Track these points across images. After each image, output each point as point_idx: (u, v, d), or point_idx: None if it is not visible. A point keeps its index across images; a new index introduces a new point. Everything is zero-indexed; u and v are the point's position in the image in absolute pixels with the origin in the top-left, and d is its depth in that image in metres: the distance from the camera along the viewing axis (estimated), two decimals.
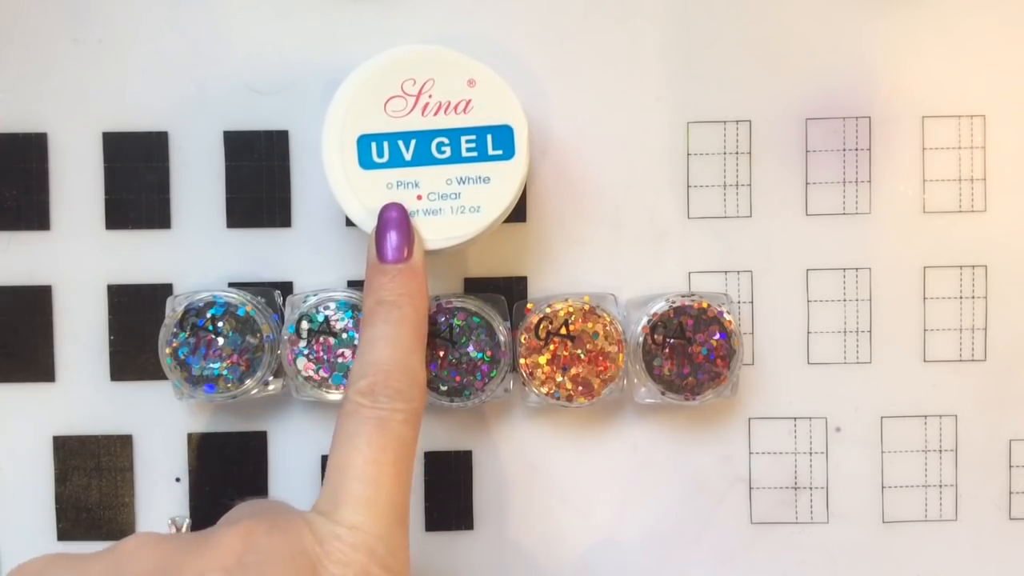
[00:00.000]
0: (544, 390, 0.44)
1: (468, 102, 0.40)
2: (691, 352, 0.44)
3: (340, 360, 0.43)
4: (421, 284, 0.39)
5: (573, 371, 0.44)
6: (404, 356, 0.38)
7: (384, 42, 0.45)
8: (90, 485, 0.46)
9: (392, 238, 0.39)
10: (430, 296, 0.45)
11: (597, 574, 0.46)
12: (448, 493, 0.46)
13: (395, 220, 0.39)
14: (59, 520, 0.46)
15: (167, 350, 0.43)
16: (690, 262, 0.46)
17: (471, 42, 0.45)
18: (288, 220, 0.46)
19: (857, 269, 0.46)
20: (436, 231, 0.40)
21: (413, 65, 0.40)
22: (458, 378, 0.43)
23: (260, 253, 0.46)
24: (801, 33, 0.46)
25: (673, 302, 0.44)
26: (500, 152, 0.40)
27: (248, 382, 0.43)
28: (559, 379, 0.44)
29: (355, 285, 0.46)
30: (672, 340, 0.44)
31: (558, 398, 0.44)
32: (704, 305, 0.44)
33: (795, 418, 0.46)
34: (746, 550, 0.47)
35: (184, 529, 0.40)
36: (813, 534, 0.47)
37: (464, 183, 0.40)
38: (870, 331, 0.46)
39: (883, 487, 0.47)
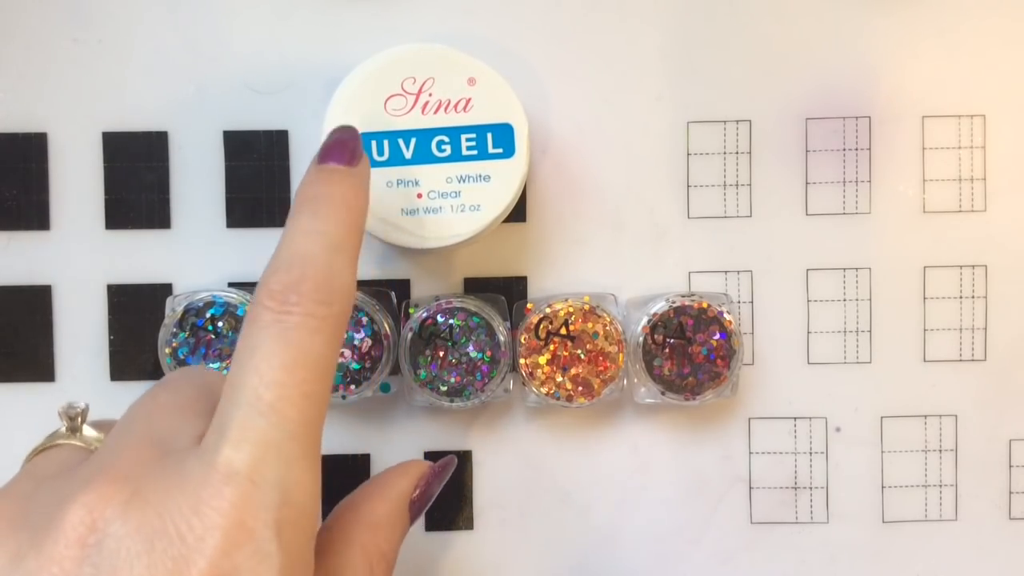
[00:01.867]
0: (544, 390, 0.44)
1: (468, 101, 0.40)
2: (691, 352, 0.44)
3: (340, 360, 0.43)
4: (361, 188, 0.35)
5: (573, 371, 0.44)
6: (327, 254, 0.32)
7: (384, 41, 0.45)
8: None
9: (339, 143, 0.35)
10: (430, 296, 0.45)
11: (597, 574, 0.46)
12: (448, 493, 0.46)
13: (346, 130, 0.36)
14: None
15: (167, 350, 0.43)
16: (690, 262, 0.46)
17: (471, 41, 0.45)
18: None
19: (857, 269, 0.46)
20: (436, 230, 0.40)
21: (413, 64, 0.40)
22: (458, 378, 0.43)
23: (260, 253, 0.46)
24: (801, 33, 0.46)
25: (673, 302, 0.44)
26: (500, 151, 0.40)
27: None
28: (559, 379, 0.44)
29: None
30: (672, 340, 0.44)
31: (558, 398, 0.44)
32: (704, 305, 0.44)
33: (795, 418, 0.46)
34: (746, 550, 0.47)
35: (80, 422, 0.35)
36: (813, 534, 0.47)
37: (464, 181, 0.40)
38: (870, 331, 0.46)
39: (883, 487, 0.47)
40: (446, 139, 0.40)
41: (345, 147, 0.35)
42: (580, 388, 0.44)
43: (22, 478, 0.32)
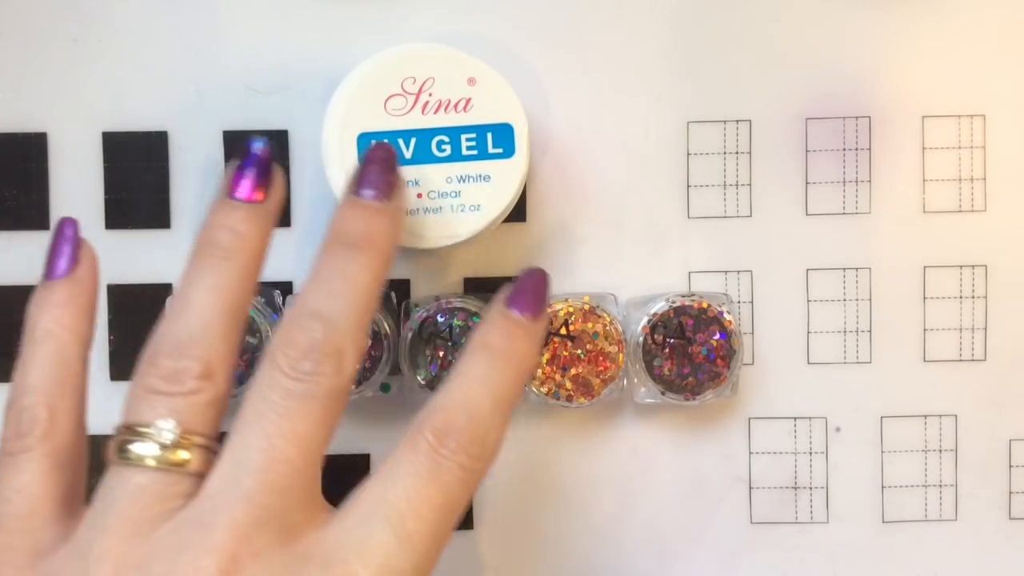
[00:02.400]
0: (544, 390, 0.44)
1: (468, 100, 0.40)
2: (691, 352, 0.44)
3: None
4: (537, 350, 0.36)
5: (573, 371, 0.44)
6: (491, 412, 0.33)
7: (384, 41, 0.45)
8: (90, 485, 0.46)
9: (531, 292, 0.36)
10: (430, 296, 0.45)
11: (597, 574, 0.46)
12: None
13: (535, 276, 0.36)
14: None
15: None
16: (690, 262, 0.46)
17: (471, 41, 0.45)
18: (288, 220, 0.46)
19: (857, 269, 0.46)
20: (436, 229, 0.40)
21: (413, 63, 0.40)
22: None
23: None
24: (801, 33, 0.46)
25: (673, 302, 0.44)
26: (500, 150, 0.40)
27: (248, 382, 0.43)
28: (559, 379, 0.44)
29: None
30: (672, 340, 0.44)
31: (558, 398, 0.44)
32: (704, 305, 0.44)
33: (795, 418, 0.46)
34: (746, 550, 0.47)
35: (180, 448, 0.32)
36: (813, 534, 0.47)
37: (464, 181, 0.40)
38: (870, 331, 0.46)
39: (883, 487, 0.47)
40: (446, 139, 0.40)
41: (539, 301, 0.36)
42: (580, 388, 0.44)
43: (129, 537, 0.30)
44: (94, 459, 0.41)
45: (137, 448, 0.31)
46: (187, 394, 0.32)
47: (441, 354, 0.43)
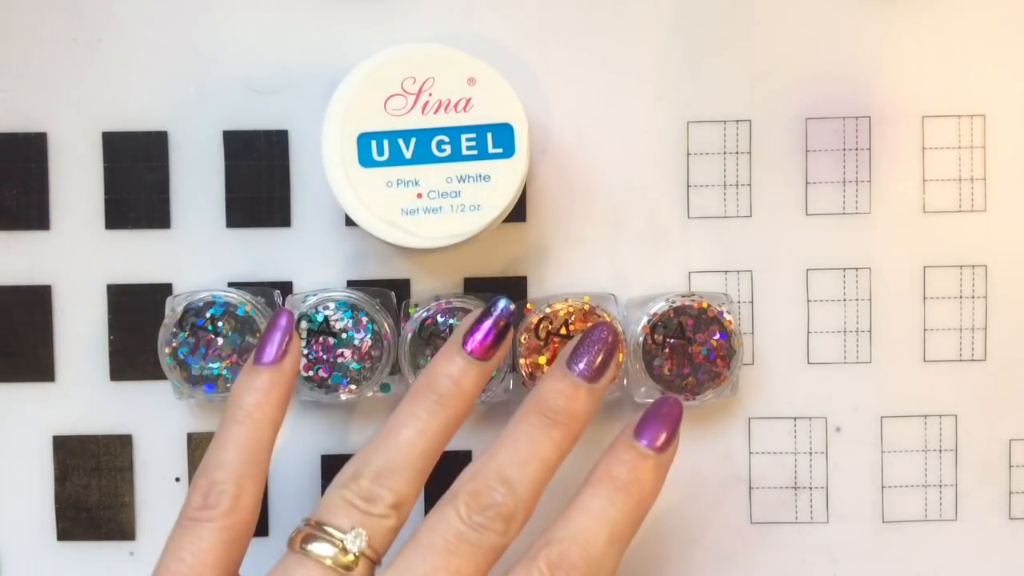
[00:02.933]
0: None
1: (468, 100, 0.40)
2: (691, 352, 0.44)
3: (340, 360, 0.43)
4: (660, 483, 0.39)
5: None
6: (607, 543, 0.37)
7: (384, 41, 0.45)
8: (90, 485, 0.46)
9: (660, 423, 0.39)
10: (430, 296, 0.45)
11: None
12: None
13: (667, 413, 0.39)
14: (59, 520, 0.46)
15: (167, 350, 0.43)
16: (690, 262, 0.46)
17: (471, 40, 0.45)
18: (288, 220, 0.46)
19: (857, 269, 0.46)
20: (436, 229, 0.40)
21: (413, 63, 0.40)
22: None
23: (260, 253, 0.46)
24: (801, 33, 0.46)
25: (673, 302, 0.44)
26: (500, 150, 0.40)
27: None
28: None
29: (354, 285, 0.46)
30: (672, 340, 0.44)
31: None
32: (704, 305, 0.44)
33: (795, 418, 0.46)
34: (746, 550, 0.47)
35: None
36: (813, 534, 0.47)
37: (464, 181, 0.40)
38: (870, 331, 0.46)
39: (883, 487, 0.47)
40: (446, 139, 0.40)
41: (671, 432, 0.38)
42: None
43: None
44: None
45: (319, 547, 0.36)
46: (378, 516, 0.36)
47: None
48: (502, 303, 0.39)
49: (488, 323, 0.39)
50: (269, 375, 0.38)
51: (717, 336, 0.44)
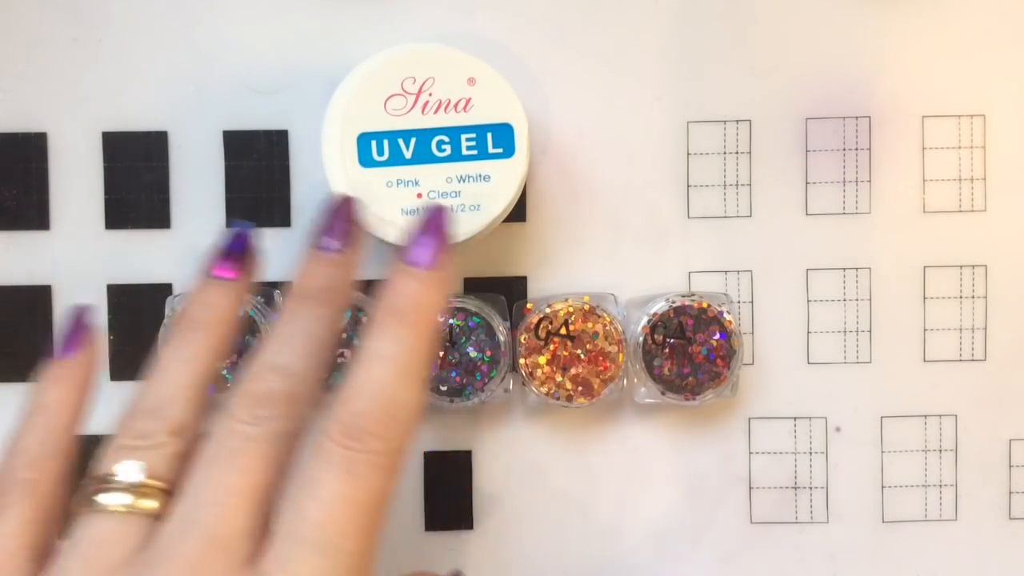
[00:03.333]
0: (544, 390, 0.44)
1: (468, 100, 0.40)
2: (691, 352, 0.44)
3: (339, 360, 0.43)
4: (443, 300, 0.35)
5: (573, 371, 0.44)
6: (395, 384, 0.33)
7: (384, 41, 0.45)
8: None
9: (429, 238, 0.36)
10: None
11: (597, 574, 0.46)
12: (448, 493, 0.46)
13: (434, 221, 0.36)
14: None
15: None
16: (690, 262, 0.46)
17: (471, 40, 0.45)
18: (288, 220, 0.46)
19: (857, 269, 0.46)
20: None
21: (413, 63, 0.40)
22: (458, 378, 0.43)
23: (259, 253, 0.46)
24: (801, 33, 0.46)
25: (673, 302, 0.44)
26: (500, 150, 0.40)
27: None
28: (559, 379, 0.44)
29: (355, 285, 0.45)
30: (672, 340, 0.44)
31: (558, 398, 0.44)
32: (704, 305, 0.44)
33: (795, 418, 0.46)
34: (746, 550, 0.47)
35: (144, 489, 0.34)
36: (813, 534, 0.47)
37: (464, 181, 0.40)
38: (870, 331, 0.46)
39: (883, 487, 0.47)
40: (446, 139, 0.40)
41: (439, 242, 0.35)
42: (580, 388, 0.44)
43: (78, 570, 0.32)
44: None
45: (103, 498, 0.32)
46: (154, 447, 0.33)
47: (441, 354, 0.43)
48: (238, 229, 0.38)
49: (234, 246, 0.37)
50: (62, 367, 0.37)
51: (717, 336, 0.44)
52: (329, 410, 0.33)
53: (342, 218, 0.37)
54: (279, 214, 0.46)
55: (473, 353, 0.43)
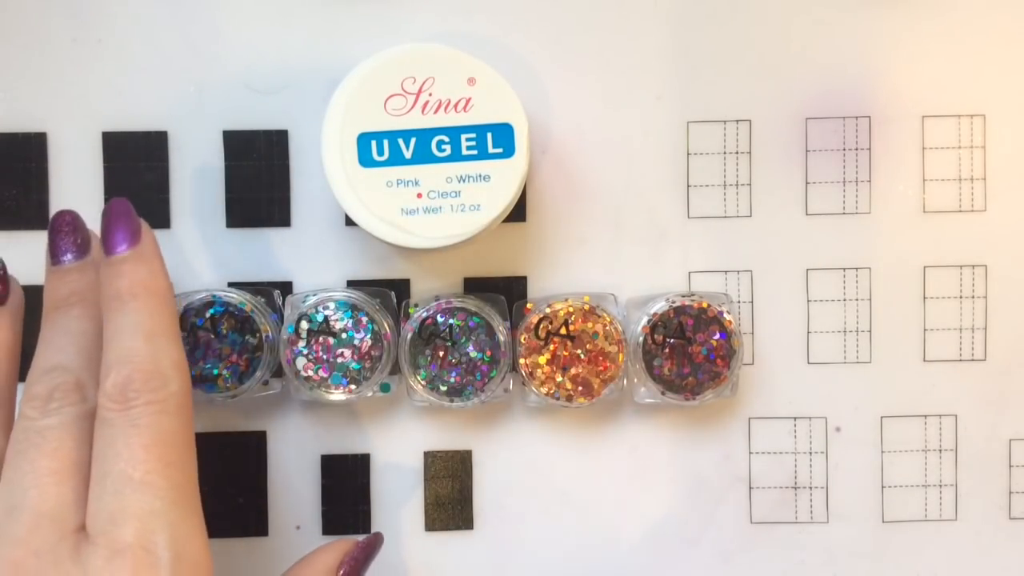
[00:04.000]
0: (544, 390, 0.44)
1: (468, 100, 0.40)
2: (691, 352, 0.44)
3: (339, 360, 0.43)
4: (153, 267, 0.37)
5: (573, 371, 0.44)
6: (146, 342, 0.35)
7: (384, 41, 0.45)
8: None
9: (116, 230, 0.38)
10: (430, 296, 0.45)
11: (597, 574, 0.46)
12: (447, 493, 0.46)
13: (115, 212, 0.38)
14: None
15: None
16: (690, 262, 0.46)
17: (471, 40, 0.45)
18: (288, 220, 0.46)
19: (857, 269, 0.46)
20: (436, 229, 0.40)
21: (413, 63, 0.40)
22: (458, 378, 0.43)
23: (260, 253, 0.46)
24: (801, 33, 0.46)
25: (673, 302, 0.44)
26: (500, 150, 0.40)
27: (247, 382, 0.43)
28: (559, 379, 0.44)
29: (355, 285, 0.46)
30: (672, 340, 0.44)
31: (558, 398, 0.44)
32: (704, 305, 0.44)
33: (795, 418, 0.46)
34: (746, 550, 0.47)
35: None
36: (813, 534, 0.47)
37: (464, 181, 0.40)
38: (870, 331, 0.46)
39: (883, 487, 0.47)
40: (446, 139, 0.40)
41: (127, 227, 0.38)
42: (580, 388, 0.44)
43: None
44: None
45: None
46: None
47: (441, 354, 0.43)
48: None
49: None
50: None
51: (717, 336, 0.44)
52: (100, 387, 0.35)
53: (64, 232, 0.39)
54: (279, 214, 0.46)
55: (473, 353, 0.43)
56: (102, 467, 0.34)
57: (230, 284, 0.46)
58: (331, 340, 0.43)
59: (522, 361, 0.44)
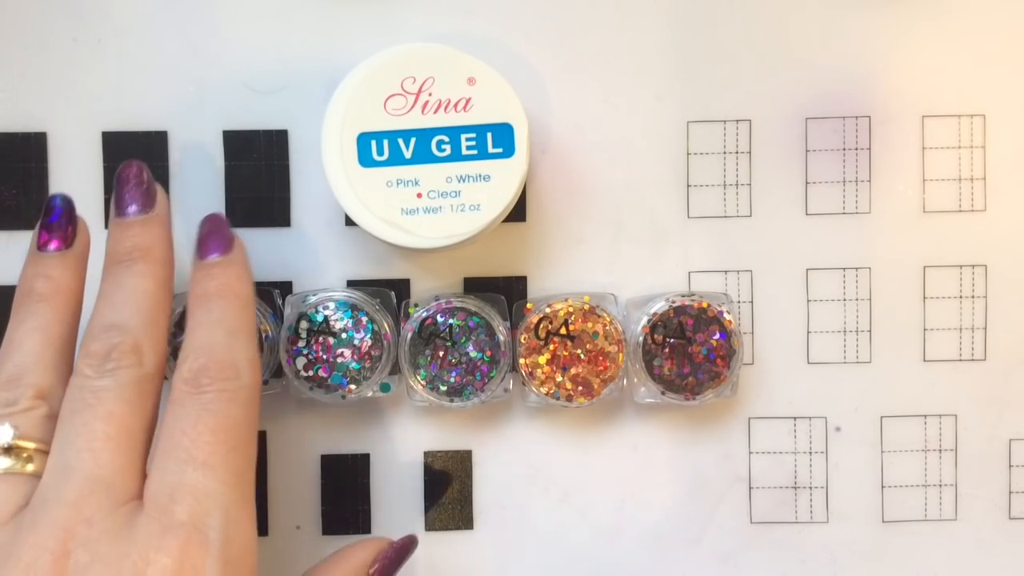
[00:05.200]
0: (544, 390, 0.44)
1: (468, 100, 0.40)
2: (691, 352, 0.44)
3: (339, 360, 0.43)
4: (241, 272, 0.39)
5: (573, 371, 0.44)
6: (226, 336, 0.37)
7: (384, 40, 0.45)
8: None
9: (211, 238, 0.39)
10: (430, 296, 0.45)
11: (597, 574, 0.46)
12: (448, 493, 0.46)
13: (211, 221, 0.40)
14: None
15: (168, 350, 0.43)
16: (690, 262, 0.46)
17: (471, 40, 0.45)
18: (288, 220, 0.46)
19: (857, 269, 0.46)
20: (436, 229, 0.40)
21: (413, 63, 0.40)
22: (458, 378, 0.43)
23: (260, 253, 0.46)
24: (801, 33, 0.46)
25: (673, 302, 0.44)
26: (500, 150, 0.40)
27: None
28: (559, 379, 0.44)
29: (354, 285, 0.46)
30: (672, 340, 0.44)
31: (558, 398, 0.44)
32: (704, 305, 0.44)
33: (795, 418, 0.46)
34: (746, 550, 0.47)
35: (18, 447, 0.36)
36: (813, 534, 0.47)
37: (464, 181, 0.40)
38: (870, 331, 0.46)
39: (883, 487, 0.47)
40: (446, 139, 0.40)
41: (223, 239, 0.39)
42: (580, 388, 0.44)
43: None
44: None
45: None
46: (24, 411, 0.36)
47: (441, 354, 0.43)
48: (56, 197, 0.40)
49: (52, 217, 0.39)
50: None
51: (717, 336, 0.44)
52: (176, 373, 0.36)
53: (130, 183, 0.39)
54: (279, 214, 0.46)
55: (473, 353, 0.43)
56: (169, 443, 0.35)
57: None
58: (331, 340, 0.43)
59: (522, 361, 0.44)
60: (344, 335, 0.43)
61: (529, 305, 0.45)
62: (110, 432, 0.35)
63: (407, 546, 0.41)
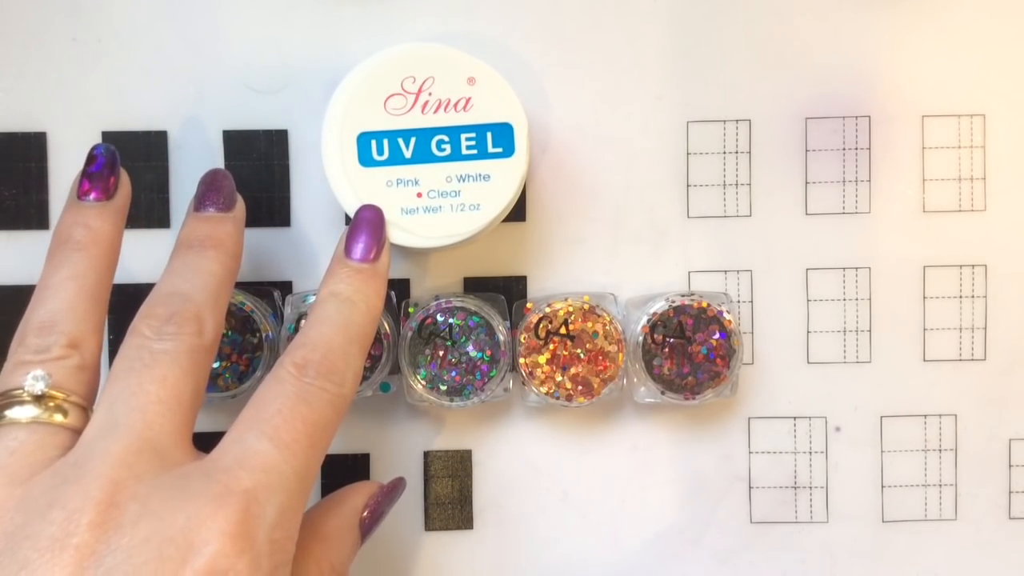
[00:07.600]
0: (544, 390, 0.44)
1: (468, 100, 0.40)
2: (691, 352, 0.44)
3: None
4: (380, 288, 0.39)
5: (573, 371, 0.44)
6: (346, 343, 0.37)
7: (384, 40, 0.45)
8: None
9: (364, 238, 0.39)
10: (430, 296, 0.45)
11: (597, 574, 0.46)
12: (448, 493, 0.46)
13: (368, 221, 0.39)
14: None
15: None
16: (690, 262, 0.46)
17: (471, 40, 0.45)
18: (287, 219, 0.46)
19: (857, 269, 0.46)
20: (436, 229, 0.40)
21: (413, 63, 0.40)
22: (458, 378, 0.43)
23: (260, 252, 0.46)
24: (801, 33, 0.46)
25: (673, 302, 0.44)
26: (500, 150, 0.40)
27: (247, 382, 0.43)
28: (559, 379, 0.44)
29: None
30: (672, 340, 0.44)
31: (558, 398, 0.44)
32: (704, 305, 0.44)
33: (795, 418, 0.46)
34: (746, 550, 0.47)
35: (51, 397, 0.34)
36: (813, 534, 0.47)
37: (464, 181, 0.40)
38: (870, 331, 0.46)
39: (883, 487, 0.47)
40: (446, 138, 0.40)
41: (371, 243, 0.39)
42: (580, 387, 0.44)
43: (5, 485, 0.32)
44: None
45: (12, 412, 0.33)
46: (56, 359, 0.35)
47: (441, 354, 0.43)
48: (99, 147, 0.40)
49: (95, 167, 0.39)
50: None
51: (717, 336, 0.44)
52: (287, 351, 0.36)
53: (214, 189, 0.40)
54: (279, 214, 0.46)
55: (473, 353, 0.43)
56: (257, 414, 0.34)
57: None
58: None
59: (522, 361, 0.44)
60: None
61: (529, 305, 0.45)
62: (162, 396, 0.34)
63: (395, 488, 0.40)
